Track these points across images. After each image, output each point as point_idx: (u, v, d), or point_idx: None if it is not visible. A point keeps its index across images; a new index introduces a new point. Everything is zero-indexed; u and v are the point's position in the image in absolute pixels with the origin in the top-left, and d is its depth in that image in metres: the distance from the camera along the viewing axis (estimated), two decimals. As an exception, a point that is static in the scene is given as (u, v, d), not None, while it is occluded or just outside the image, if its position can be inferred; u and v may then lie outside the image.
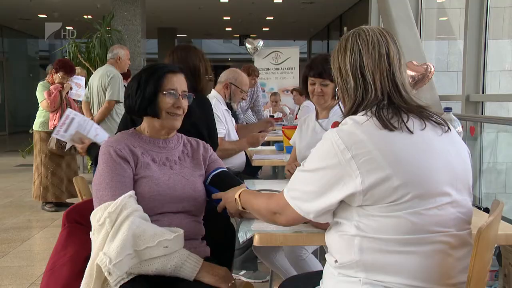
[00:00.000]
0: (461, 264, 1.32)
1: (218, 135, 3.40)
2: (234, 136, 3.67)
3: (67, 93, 5.28)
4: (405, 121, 1.32)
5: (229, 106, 3.76)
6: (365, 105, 1.37)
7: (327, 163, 1.31)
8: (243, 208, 1.69)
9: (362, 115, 1.35)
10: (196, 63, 2.70)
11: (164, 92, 1.84)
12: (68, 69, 5.22)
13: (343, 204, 1.33)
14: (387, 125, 1.30)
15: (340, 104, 1.50)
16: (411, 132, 1.31)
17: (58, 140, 4.95)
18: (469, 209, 1.37)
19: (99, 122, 4.93)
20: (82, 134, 2.58)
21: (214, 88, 3.77)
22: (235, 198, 1.70)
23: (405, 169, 1.26)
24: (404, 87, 1.38)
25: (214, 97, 3.62)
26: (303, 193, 1.37)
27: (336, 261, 1.36)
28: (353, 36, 1.42)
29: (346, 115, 1.41)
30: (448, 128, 1.40)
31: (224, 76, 3.76)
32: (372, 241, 1.29)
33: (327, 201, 1.32)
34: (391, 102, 1.36)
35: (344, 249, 1.33)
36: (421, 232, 1.27)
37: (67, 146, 3.02)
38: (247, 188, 1.83)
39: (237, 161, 3.61)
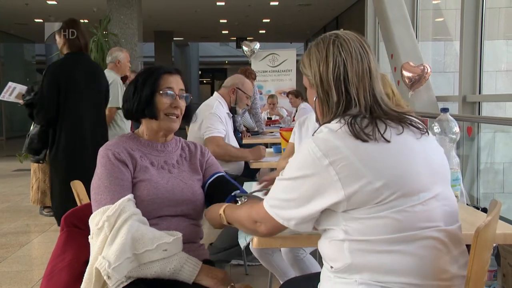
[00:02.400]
0: (453, 258, 1.32)
1: (218, 134, 3.45)
2: (233, 141, 3.69)
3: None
4: (381, 132, 1.30)
5: (233, 110, 3.80)
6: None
7: (304, 172, 1.30)
8: (228, 223, 1.65)
9: (336, 122, 1.33)
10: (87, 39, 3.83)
11: (161, 92, 1.84)
12: None
13: (327, 211, 1.32)
14: (359, 136, 1.28)
15: (317, 111, 1.44)
16: (388, 141, 1.29)
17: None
18: (453, 201, 1.38)
19: None
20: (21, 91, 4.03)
21: (217, 91, 3.82)
22: (220, 214, 1.67)
23: (384, 173, 1.26)
24: (383, 100, 1.37)
25: (217, 99, 3.68)
26: (281, 201, 1.36)
27: (331, 267, 1.36)
28: (335, 46, 1.37)
29: (322, 124, 1.39)
30: (427, 132, 1.40)
31: (230, 81, 3.82)
32: (360, 243, 1.29)
33: (308, 210, 1.31)
34: (370, 114, 1.34)
35: (336, 254, 1.33)
36: (408, 229, 1.27)
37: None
38: (240, 191, 1.85)
39: (234, 165, 3.61)
